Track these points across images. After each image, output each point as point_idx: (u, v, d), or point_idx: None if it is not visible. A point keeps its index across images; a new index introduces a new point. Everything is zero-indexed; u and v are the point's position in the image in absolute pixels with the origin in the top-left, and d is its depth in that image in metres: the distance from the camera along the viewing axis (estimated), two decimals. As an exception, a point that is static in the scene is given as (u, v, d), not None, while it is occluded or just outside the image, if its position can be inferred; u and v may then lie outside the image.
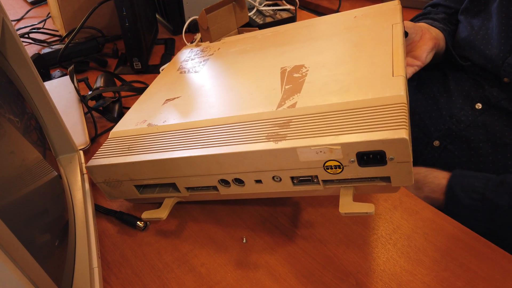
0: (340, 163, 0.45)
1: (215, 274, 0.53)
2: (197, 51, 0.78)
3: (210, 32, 0.92)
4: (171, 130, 0.56)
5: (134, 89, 0.87)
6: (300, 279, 0.52)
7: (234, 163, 0.49)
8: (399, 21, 0.61)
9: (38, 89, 0.56)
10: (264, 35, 0.73)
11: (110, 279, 0.53)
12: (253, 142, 0.47)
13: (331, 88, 0.51)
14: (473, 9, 0.74)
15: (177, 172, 0.53)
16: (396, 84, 0.47)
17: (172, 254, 0.55)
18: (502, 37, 0.66)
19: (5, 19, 0.49)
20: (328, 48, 0.60)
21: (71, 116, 0.75)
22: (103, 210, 0.61)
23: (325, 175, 0.47)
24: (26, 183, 0.41)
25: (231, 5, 0.96)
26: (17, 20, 1.23)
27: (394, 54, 0.53)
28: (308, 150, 0.45)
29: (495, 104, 0.67)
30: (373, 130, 0.43)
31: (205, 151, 0.50)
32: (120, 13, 0.84)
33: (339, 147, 0.43)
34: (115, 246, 0.57)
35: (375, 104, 0.46)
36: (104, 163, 0.55)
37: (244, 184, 0.51)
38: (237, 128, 0.51)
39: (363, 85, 0.49)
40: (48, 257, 0.40)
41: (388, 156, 0.43)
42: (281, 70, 0.59)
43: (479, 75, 0.71)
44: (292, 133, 0.47)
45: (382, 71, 0.50)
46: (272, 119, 0.50)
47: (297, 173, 0.48)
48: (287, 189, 0.50)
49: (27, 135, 0.47)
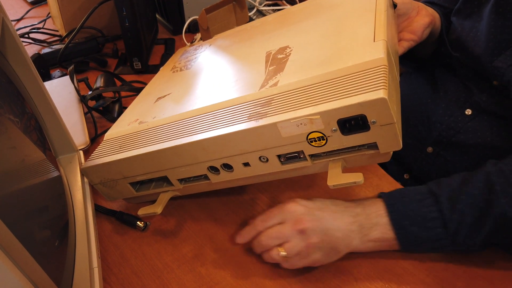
0: (323, 134, 0.44)
1: (215, 274, 0.53)
2: (191, 50, 0.79)
3: (210, 32, 0.92)
4: (160, 125, 0.56)
5: (134, 89, 0.87)
6: (300, 279, 0.52)
7: (218, 147, 0.49)
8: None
9: (38, 89, 0.56)
10: (253, 26, 0.74)
11: (110, 279, 0.53)
12: (235, 124, 0.47)
13: (313, 63, 0.50)
14: (465, 11, 0.74)
15: (166, 164, 0.53)
16: (377, 48, 0.46)
17: (172, 254, 0.55)
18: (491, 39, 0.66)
19: (5, 19, 0.49)
20: (313, 27, 0.60)
21: (71, 116, 0.75)
22: (103, 210, 0.61)
23: (311, 149, 0.46)
24: (26, 184, 0.41)
25: (231, 5, 0.96)
26: (17, 20, 1.23)
27: (376, 21, 0.52)
28: (288, 123, 0.44)
29: (484, 109, 0.67)
30: (352, 95, 0.41)
31: (189, 139, 0.50)
32: (120, 13, 0.84)
33: (318, 116, 0.42)
34: (115, 246, 0.57)
35: (355, 71, 0.45)
36: (96, 163, 0.55)
37: (232, 169, 0.51)
38: (220, 113, 0.51)
39: (343, 54, 0.48)
40: (48, 257, 0.40)
41: (370, 120, 0.42)
42: (266, 54, 0.59)
43: (469, 78, 0.71)
44: (273, 110, 0.46)
45: (363, 38, 0.49)
46: (255, 100, 0.49)
47: (282, 150, 0.47)
48: (275, 169, 0.50)
49: (27, 135, 0.47)
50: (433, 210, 0.50)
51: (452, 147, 0.70)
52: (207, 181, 0.54)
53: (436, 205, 0.50)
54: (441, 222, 0.49)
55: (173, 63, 0.77)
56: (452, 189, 0.51)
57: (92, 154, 0.58)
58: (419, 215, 0.50)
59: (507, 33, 0.64)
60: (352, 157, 0.47)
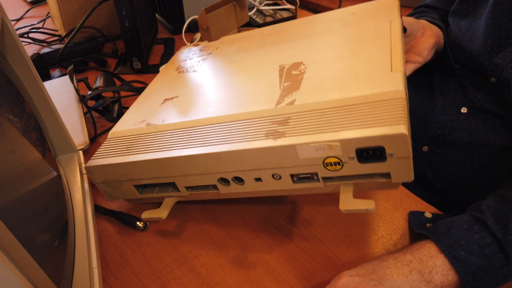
0: (340, 160, 0.45)
1: (215, 275, 0.53)
2: (196, 50, 0.78)
3: (210, 31, 0.92)
4: (170, 129, 0.55)
5: (134, 89, 0.87)
6: (300, 279, 0.52)
7: (233, 161, 0.49)
8: (397, 16, 0.60)
9: (38, 89, 0.56)
10: (263, 33, 0.73)
11: (109, 279, 0.53)
12: (252, 139, 0.47)
13: (329, 84, 0.50)
14: (461, 10, 0.74)
15: (177, 171, 0.53)
16: (395, 79, 0.47)
17: (172, 255, 0.55)
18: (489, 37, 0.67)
19: (4, 19, 0.49)
20: (327, 45, 0.60)
21: (70, 116, 0.75)
22: (103, 211, 0.61)
23: (325, 172, 0.47)
24: (25, 184, 0.41)
25: (231, 5, 0.96)
26: (17, 20, 1.23)
27: (393, 49, 0.52)
28: (308, 147, 0.44)
29: (480, 107, 0.67)
30: (372, 126, 0.42)
31: (203, 149, 0.49)
32: (120, 13, 0.84)
33: (338, 143, 0.43)
34: (115, 247, 0.57)
35: (373, 100, 0.45)
36: (103, 163, 0.55)
37: (243, 182, 0.51)
38: (235, 126, 0.51)
39: (361, 81, 0.49)
40: (47, 257, 0.40)
41: (387, 152, 0.42)
42: (279, 67, 0.59)
43: (465, 77, 0.71)
44: (291, 130, 0.46)
45: (381, 66, 0.50)
46: (271, 116, 0.50)
47: (296, 170, 0.48)
48: (287, 187, 0.50)
49: (26, 135, 0.47)
50: (485, 235, 0.46)
51: (447, 146, 0.70)
52: (215, 191, 0.54)
53: (486, 230, 0.47)
54: (498, 246, 0.46)
55: (177, 62, 0.76)
56: (495, 211, 0.48)
57: (97, 152, 0.58)
58: (473, 243, 0.46)
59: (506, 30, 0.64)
60: (364, 183, 0.47)
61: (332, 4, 1.36)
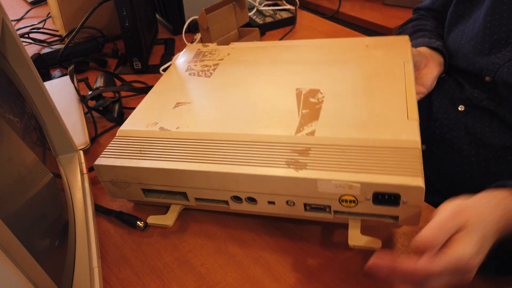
0: (356, 199, 0.47)
1: (215, 274, 0.53)
2: (206, 52, 0.77)
3: (210, 32, 0.92)
4: (185, 138, 0.55)
5: (134, 89, 0.87)
6: (300, 279, 0.52)
7: (251, 184, 0.50)
8: (410, 59, 0.62)
9: (38, 89, 0.56)
10: (275, 47, 0.73)
11: (110, 279, 0.53)
12: (273, 166, 0.49)
13: (348, 120, 0.53)
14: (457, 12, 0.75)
15: (191, 183, 0.53)
16: (412, 128, 0.50)
17: (172, 254, 0.55)
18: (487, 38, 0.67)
19: (5, 19, 0.49)
20: (343, 76, 0.62)
21: (71, 116, 0.75)
22: (103, 210, 0.61)
23: (339, 207, 0.49)
24: (26, 183, 0.41)
25: (231, 5, 0.96)
26: (17, 20, 1.23)
27: (408, 96, 0.55)
28: (328, 183, 0.47)
29: (476, 105, 0.68)
30: (392, 174, 0.45)
31: (224, 167, 0.50)
32: (120, 13, 0.84)
33: (359, 185, 0.46)
34: (115, 246, 0.57)
35: (392, 146, 0.48)
36: (115, 164, 0.54)
37: (256, 202, 0.53)
38: (255, 148, 0.52)
39: (379, 124, 0.51)
40: (48, 257, 0.40)
41: (402, 199, 0.45)
42: (296, 91, 0.60)
43: (461, 76, 0.72)
44: (312, 162, 0.48)
45: (397, 112, 0.52)
46: (291, 143, 0.51)
47: (311, 201, 0.50)
48: (298, 213, 0.52)
49: (27, 135, 0.47)
50: None
51: (444, 144, 0.71)
52: (225, 206, 0.55)
53: None
54: None
55: (187, 62, 0.74)
56: None
57: (106, 149, 0.57)
58: None
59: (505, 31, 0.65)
60: (372, 220, 0.50)
61: (332, 5, 1.36)
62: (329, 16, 1.34)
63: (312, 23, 1.15)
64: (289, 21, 1.13)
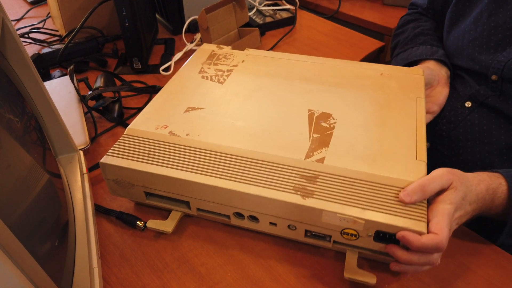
0: (358, 233, 0.48)
1: (215, 274, 0.53)
2: (220, 55, 0.76)
3: (210, 32, 0.92)
4: (195, 147, 0.55)
5: (134, 89, 0.87)
6: (300, 279, 0.52)
7: (257, 204, 0.51)
8: (423, 95, 0.63)
9: (38, 89, 0.56)
10: (289, 61, 0.73)
11: (110, 279, 0.53)
12: (280, 189, 0.50)
13: (358, 152, 0.54)
14: (458, 12, 0.74)
15: (196, 194, 0.53)
16: (419, 170, 0.51)
17: (172, 254, 0.55)
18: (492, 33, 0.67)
19: (5, 19, 0.49)
20: (356, 103, 0.62)
21: (71, 116, 0.75)
22: (103, 210, 0.61)
23: (339, 238, 0.50)
24: (26, 184, 0.41)
25: (231, 5, 0.96)
26: (17, 20, 1.23)
27: (418, 135, 0.56)
28: (333, 215, 0.47)
29: (482, 102, 0.68)
30: (397, 215, 0.46)
31: (231, 184, 0.51)
32: (120, 13, 0.84)
33: (363, 221, 0.46)
34: (115, 246, 0.57)
35: (398, 185, 0.49)
36: (122, 165, 0.54)
37: (258, 221, 0.53)
38: (264, 167, 0.52)
39: (388, 161, 0.52)
40: (48, 257, 0.40)
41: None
42: (308, 112, 0.60)
43: (467, 74, 0.72)
44: (319, 191, 0.49)
45: (407, 150, 0.54)
46: (300, 168, 0.52)
47: (313, 228, 0.50)
48: (297, 238, 0.53)
49: (27, 135, 0.47)
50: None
51: (449, 141, 0.71)
52: (226, 219, 0.56)
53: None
54: None
55: (201, 63, 0.74)
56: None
57: (113, 148, 0.57)
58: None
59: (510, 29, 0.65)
60: (369, 254, 0.51)
61: (332, 5, 1.36)
62: (329, 16, 1.34)
63: (312, 23, 1.15)
64: (289, 21, 1.13)
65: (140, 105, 0.84)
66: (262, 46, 1.04)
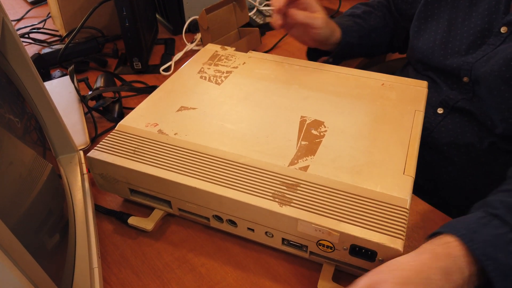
0: (333, 246, 0.47)
1: (215, 274, 0.53)
2: (222, 56, 0.75)
3: (210, 32, 0.92)
4: (181, 147, 0.55)
5: (134, 89, 0.87)
6: (300, 279, 0.52)
7: (234, 208, 0.50)
8: (422, 109, 0.61)
9: (38, 89, 0.56)
10: (291, 66, 0.72)
11: (110, 279, 0.53)
12: (259, 195, 0.49)
13: (344, 163, 0.52)
14: (426, 12, 0.74)
15: (177, 194, 0.54)
16: (404, 185, 0.49)
17: (172, 254, 0.55)
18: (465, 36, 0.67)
19: (5, 19, 0.49)
20: (350, 112, 0.61)
21: (71, 116, 0.75)
22: (103, 210, 0.61)
23: (315, 249, 0.49)
24: (25, 184, 0.41)
25: (231, 5, 0.96)
26: (17, 20, 1.23)
27: (410, 149, 0.54)
28: (308, 225, 0.47)
29: (453, 106, 0.68)
30: (373, 230, 0.45)
31: (210, 187, 0.50)
32: (120, 13, 0.84)
33: (338, 234, 0.45)
34: (115, 246, 0.57)
35: (380, 199, 0.48)
36: (107, 160, 0.54)
37: (236, 226, 0.53)
38: (246, 172, 0.52)
39: (374, 173, 0.51)
40: (48, 257, 0.40)
41: (378, 257, 0.45)
42: (300, 119, 0.60)
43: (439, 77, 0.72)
44: (298, 200, 0.48)
45: (395, 164, 0.52)
46: (282, 175, 0.51)
47: (290, 237, 0.50)
48: (275, 245, 0.53)
49: (27, 135, 0.47)
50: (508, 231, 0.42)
51: (428, 147, 0.71)
52: (206, 221, 0.56)
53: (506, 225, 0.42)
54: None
55: (202, 63, 0.73)
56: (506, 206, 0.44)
57: (102, 142, 0.57)
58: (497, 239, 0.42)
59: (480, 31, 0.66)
60: (345, 268, 0.50)
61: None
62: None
63: (312, 23, 1.15)
64: (289, 21, 1.13)
65: (140, 105, 0.84)
66: (262, 46, 1.04)
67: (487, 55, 0.64)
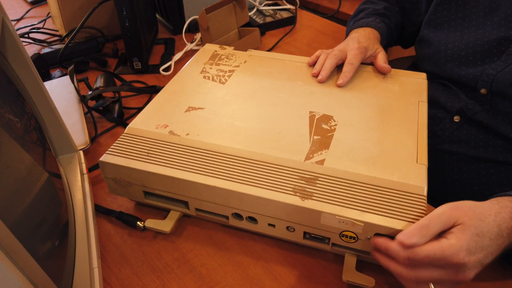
0: (357, 236, 0.48)
1: (215, 274, 0.53)
2: (222, 56, 0.76)
3: (210, 32, 0.92)
4: (195, 147, 0.55)
5: (134, 89, 0.87)
6: (300, 279, 0.52)
7: (255, 205, 0.51)
8: (425, 99, 0.63)
9: (38, 89, 0.56)
10: (292, 63, 0.73)
11: (110, 279, 0.53)
12: (279, 191, 0.49)
13: (358, 155, 0.54)
14: (436, 20, 0.73)
15: (195, 194, 0.53)
16: (420, 173, 0.51)
17: (172, 254, 0.55)
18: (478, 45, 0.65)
19: (5, 19, 0.49)
20: (357, 105, 0.62)
21: (71, 116, 0.75)
22: (103, 210, 0.61)
23: (338, 241, 0.50)
24: (26, 183, 0.41)
25: (231, 5, 0.96)
26: (17, 20, 1.23)
27: (419, 139, 0.56)
28: (332, 217, 0.47)
29: (470, 117, 0.66)
30: (395, 217, 0.46)
31: (230, 185, 0.50)
32: (120, 13, 0.84)
33: (362, 224, 0.46)
34: (115, 246, 0.57)
35: (398, 188, 0.49)
36: (121, 164, 0.54)
37: (257, 222, 0.53)
38: (263, 168, 0.52)
39: (389, 164, 0.52)
40: (48, 257, 0.40)
41: None
42: (309, 114, 0.60)
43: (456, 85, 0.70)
44: (319, 193, 0.49)
45: (408, 153, 0.53)
46: (300, 170, 0.52)
47: (312, 230, 0.50)
48: (296, 240, 0.53)
49: (27, 135, 0.47)
50: None
51: (435, 156, 0.68)
52: (224, 220, 0.55)
53: None
54: None
55: (203, 63, 0.73)
56: None
57: (113, 146, 0.57)
58: None
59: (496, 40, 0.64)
60: (366, 257, 0.51)
61: (332, 4, 1.36)
62: (329, 15, 1.34)
63: (312, 22, 1.15)
64: (289, 21, 1.13)
65: (140, 105, 0.84)
66: (262, 46, 1.04)
67: (509, 67, 0.62)
